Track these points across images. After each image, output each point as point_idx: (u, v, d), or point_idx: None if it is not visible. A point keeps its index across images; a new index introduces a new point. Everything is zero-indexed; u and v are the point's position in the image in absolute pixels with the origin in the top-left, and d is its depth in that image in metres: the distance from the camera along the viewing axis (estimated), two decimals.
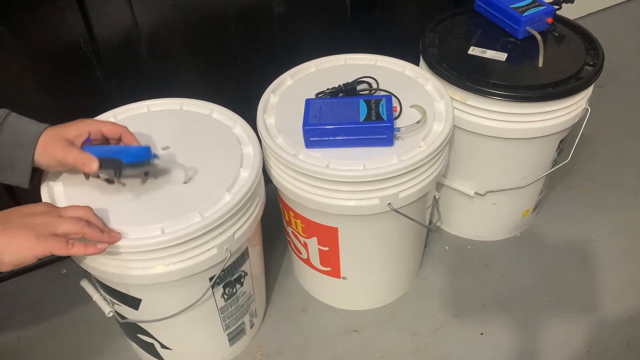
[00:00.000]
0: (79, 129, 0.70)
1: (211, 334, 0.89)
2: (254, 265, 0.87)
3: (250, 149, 0.80)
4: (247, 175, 0.75)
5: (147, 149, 0.72)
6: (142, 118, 0.87)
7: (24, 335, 1.02)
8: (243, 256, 0.81)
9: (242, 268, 0.83)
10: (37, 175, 0.72)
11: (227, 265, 0.75)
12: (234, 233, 0.74)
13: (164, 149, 0.79)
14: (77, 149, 0.68)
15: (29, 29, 0.86)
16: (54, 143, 0.68)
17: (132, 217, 0.69)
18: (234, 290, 0.83)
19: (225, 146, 0.80)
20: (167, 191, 0.73)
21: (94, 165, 0.67)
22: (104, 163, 0.68)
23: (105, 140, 0.74)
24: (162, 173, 0.76)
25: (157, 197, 0.72)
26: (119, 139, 0.74)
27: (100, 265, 0.71)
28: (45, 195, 0.73)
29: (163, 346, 0.87)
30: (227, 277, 0.80)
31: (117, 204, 0.71)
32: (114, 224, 0.68)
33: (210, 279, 0.77)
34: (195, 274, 0.73)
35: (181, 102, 0.89)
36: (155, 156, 0.73)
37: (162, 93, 1.04)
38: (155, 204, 0.71)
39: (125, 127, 0.74)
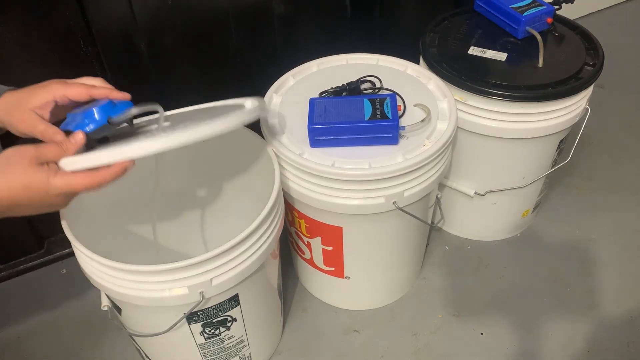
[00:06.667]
0: (43, 98, 0.62)
1: None
2: (249, 313, 0.81)
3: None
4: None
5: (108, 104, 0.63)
6: None
7: (24, 335, 1.02)
8: (230, 302, 0.76)
9: (229, 313, 0.77)
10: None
11: (195, 309, 0.70)
12: (211, 279, 0.68)
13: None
14: (43, 123, 0.61)
15: (29, 28, 0.86)
16: (17, 112, 0.61)
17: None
18: (217, 332, 0.79)
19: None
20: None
21: (58, 137, 0.60)
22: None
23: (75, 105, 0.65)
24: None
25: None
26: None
27: (102, 280, 0.70)
28: None
29: (147, 356, 0.86)
30: (206, 318, 0.75)
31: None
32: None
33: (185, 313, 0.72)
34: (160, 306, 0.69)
35: None
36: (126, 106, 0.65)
37: (162, 93, 1.04)
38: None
39: (94, 85, 0.65)
